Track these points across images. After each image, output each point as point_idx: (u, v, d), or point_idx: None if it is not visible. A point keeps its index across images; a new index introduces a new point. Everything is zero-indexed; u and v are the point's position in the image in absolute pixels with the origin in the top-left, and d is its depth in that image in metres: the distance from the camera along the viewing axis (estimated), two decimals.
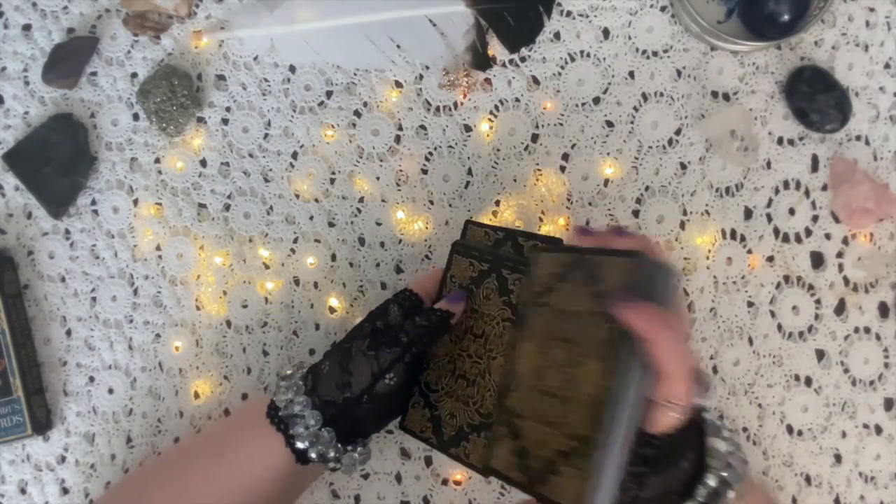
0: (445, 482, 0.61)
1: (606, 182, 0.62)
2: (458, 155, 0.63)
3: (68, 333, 0.64)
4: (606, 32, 0.62)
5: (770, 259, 0.61)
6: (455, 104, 0.63)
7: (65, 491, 0.64)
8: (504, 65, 0.63)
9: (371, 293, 0.63)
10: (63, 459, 0.64)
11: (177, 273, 0.64)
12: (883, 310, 0.61)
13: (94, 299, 0.64)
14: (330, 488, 0.62)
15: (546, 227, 0.62)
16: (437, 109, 0.63)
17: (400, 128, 0.63)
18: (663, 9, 0.62)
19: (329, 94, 0.64)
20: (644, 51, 0.62)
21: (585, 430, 0.38)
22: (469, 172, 0.63)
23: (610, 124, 0.62)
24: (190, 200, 0.64)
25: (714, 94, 0.62)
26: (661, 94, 0.62)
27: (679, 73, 0.62)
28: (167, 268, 0.64)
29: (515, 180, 0.62)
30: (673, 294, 0.39)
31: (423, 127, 0.63)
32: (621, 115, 0.62)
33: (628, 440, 0.37)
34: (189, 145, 0.64)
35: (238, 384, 0.63)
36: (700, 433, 0.44)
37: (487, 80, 0.63)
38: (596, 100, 0.62)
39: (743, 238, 0.62)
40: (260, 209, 0.64)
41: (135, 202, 0.64)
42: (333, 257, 0.63)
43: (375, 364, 0.48)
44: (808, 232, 0.62)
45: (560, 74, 0.62)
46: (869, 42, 0.62)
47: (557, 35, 0.62)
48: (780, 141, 0.62)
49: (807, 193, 0.62)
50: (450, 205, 0.63)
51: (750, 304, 0.61)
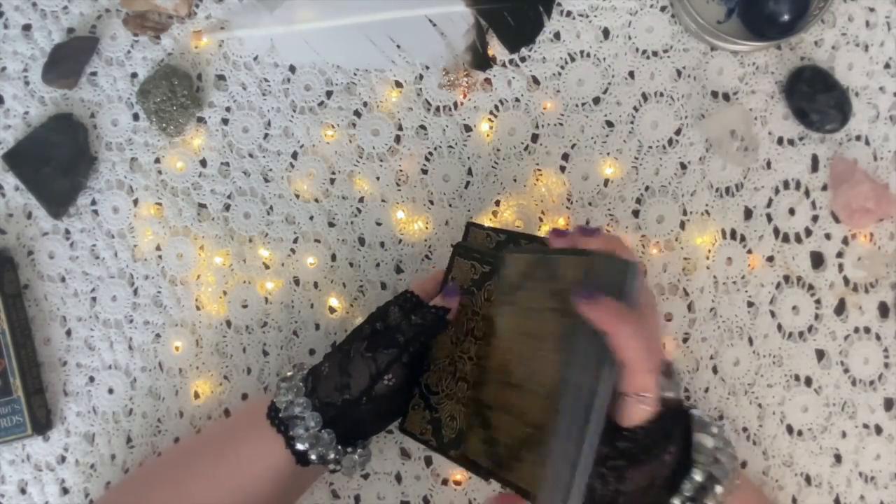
0: (445, 482, 0.61)
1: (606, 182, 0.62)
2: (458, 155, 0.63)
3: (68, 333, 0.64)
4: (606, 32, 0.62)
5: (770, 259, 0.61)
6: (455, 104, 0.63)
7: (65, 491, 0.64)
8: (504, 65, 0.63)
9: (371, 293, 0.63)
10: (63, 459, 0.64)
11: (177, 273, 0.64)
12: (883, 310, 0.61)
13: (94, 299, 0.64)
14: (330, 488, 0.62)
15: (546, 228, 0.62)
16: (437, 109, 0.63)
17: (400, 128, 0.63)
18: (663, 9, 0.62)
19: (329, 94, 0.64)
20: (644, 51, 0.62)
21: (542, 419, 0.40)
22: (469, 172, 0.63)
23: (610, 124, 0.62)
24: (190, 200, 0.64)
25: (714, 94, 0.62)
26: (661, 94, 0.62)
27: (679, 73, 0.62)
28: (167, 268, 0.64)
29: (515, 180, 0.62)
30: (637, 289, 0.41)
31: (423, 127, 0.63)
32: (621, 115, 0.62)
33: (595, 430, 0.38)
34: (189, 145, 0.64)
35: (238, 384, 0.63)
36: (686, 429, 0.44)
37: (487, 80, 0.63)
38: (596, 100, 0.62)
39: (743, 238, 0.62)
40: (260, 209, 0.64)
41: (135, 202, 0.64)
42: (333, 257, 0.63)
43: (373, 365, 0.48)
44: (808, 232, 0.62)
45: (560, 74, 0.62)
46: (869, 42, 0.62)
47: (557, 35, 0.62)
48: (780, 141, 0.62)
49: (807, 193, 0.62)
50: (450, 205, 0.63)
51: (750, 304, 0.61)
